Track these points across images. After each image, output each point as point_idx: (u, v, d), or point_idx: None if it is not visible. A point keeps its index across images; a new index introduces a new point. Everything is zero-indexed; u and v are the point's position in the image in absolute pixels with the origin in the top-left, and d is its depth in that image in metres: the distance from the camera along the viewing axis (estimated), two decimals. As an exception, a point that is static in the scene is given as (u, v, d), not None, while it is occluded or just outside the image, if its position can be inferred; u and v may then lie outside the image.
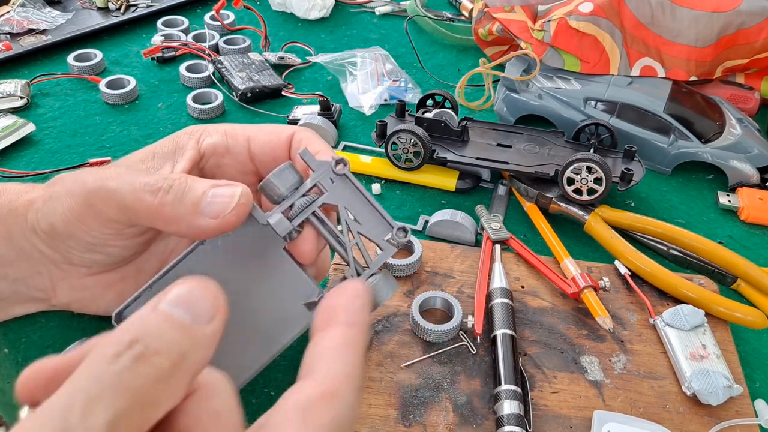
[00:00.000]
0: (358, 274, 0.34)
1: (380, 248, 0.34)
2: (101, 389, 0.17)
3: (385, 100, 0.68)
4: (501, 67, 0.66)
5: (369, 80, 0.70)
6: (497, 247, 0.49)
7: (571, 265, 0.47)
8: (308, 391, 0.21)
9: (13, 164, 0.58)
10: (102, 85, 0.66)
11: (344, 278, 0.35)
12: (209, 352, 0.20)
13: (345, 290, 0.24)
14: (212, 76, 0.69)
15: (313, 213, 0.34)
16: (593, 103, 0.61)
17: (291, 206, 0.34)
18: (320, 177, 0.34)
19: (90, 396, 0.17)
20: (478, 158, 0.55)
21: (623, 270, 0.48)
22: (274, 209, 0.33)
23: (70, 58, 0.70)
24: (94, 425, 0.16)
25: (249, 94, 0.66)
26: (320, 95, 0.66)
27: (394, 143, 0.55)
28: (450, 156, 0.56)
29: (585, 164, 0.51)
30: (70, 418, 0.16)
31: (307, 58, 0.74)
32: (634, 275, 0.48)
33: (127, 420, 0.17)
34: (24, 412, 0.18)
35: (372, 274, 0.33)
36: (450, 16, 0.84)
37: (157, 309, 0.20)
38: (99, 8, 0.82)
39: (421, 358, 0.42)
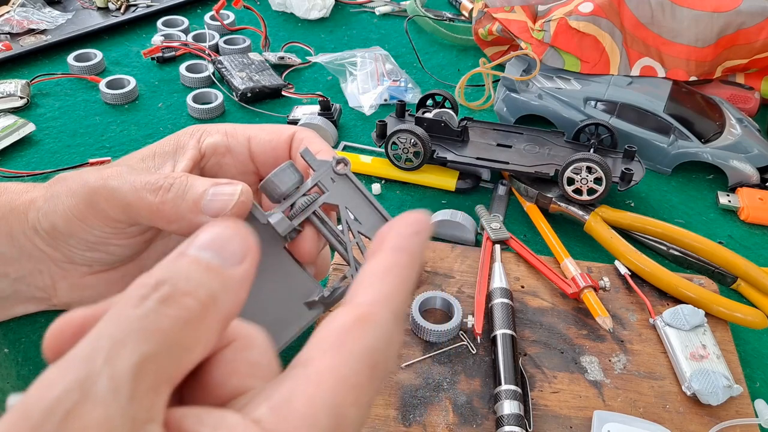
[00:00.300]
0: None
1: (381, 248, 0.34)
2: (127, 333, 0.16)
3: (385, 100, 0.68)
4: (501, 67, 0.66)
5: (369, 80, 0.70)
6: (497, 247, 0.49)
7: (571, 265, 0.48)
8: (342, 318, 0.19)
9: (13, 164, 0.58)
10: (102, 85, 0.66)
11: (344, 278, 0.35)
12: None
13: (400, 218, 0.22)
14: (212, 76, 0.69)
15: (314, 212, 0.34)
16: (593, 103, 0.61)
17: (292, 205, 0.34)
18: (321, 176, 0.34)
19: (115, 340, 0.16)
20: (478, 158, 0.55)
21: (623, 270, 0.48)
22: (275, 208, 0.33)
23: (70, 58, 0.70)
24: (120, 369, 0.15)
25: (249, 94, 0.66)
26: (320, 95, 0.66)
27: (394, 143, 0.55)
28: (450, 156, 0.56)
29: (585, 164, 0.51)
30: (93, 364, 0.15)
31: (307, 58, 0.74)
32: (634, 275, 0.48)
33: (156, 364, 0.16)
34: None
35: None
36: (450, 16, 0.84)
37: (184, 253, 0.19)
38: (99, 8, 0.82)
39: (421, 358, 0.42)
